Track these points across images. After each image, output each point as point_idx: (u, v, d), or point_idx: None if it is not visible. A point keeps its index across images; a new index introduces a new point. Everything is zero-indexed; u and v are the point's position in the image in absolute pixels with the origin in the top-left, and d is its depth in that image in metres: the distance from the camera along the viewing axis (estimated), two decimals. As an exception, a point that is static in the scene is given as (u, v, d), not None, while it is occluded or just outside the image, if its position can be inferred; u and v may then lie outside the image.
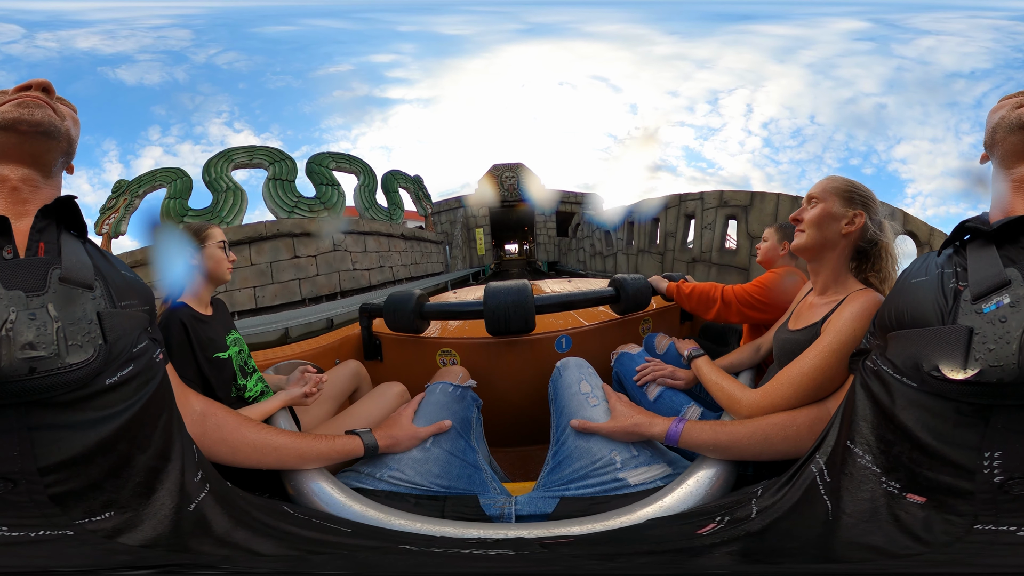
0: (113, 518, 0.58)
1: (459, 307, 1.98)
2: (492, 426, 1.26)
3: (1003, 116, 0.68)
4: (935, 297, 0.60)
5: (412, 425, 1.03)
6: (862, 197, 1.03)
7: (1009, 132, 0.66)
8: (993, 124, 0.70)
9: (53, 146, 0.70)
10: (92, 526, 0.56)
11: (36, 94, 0.69)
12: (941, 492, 0.54)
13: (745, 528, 0.68)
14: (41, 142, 0.68)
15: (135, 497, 0.60)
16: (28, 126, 0.67)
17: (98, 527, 0.56)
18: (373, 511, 0.82)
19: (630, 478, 0.92)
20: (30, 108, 0.67)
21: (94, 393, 0.57)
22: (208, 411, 0.88)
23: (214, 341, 1.26)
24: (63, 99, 0.74)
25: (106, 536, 0.57)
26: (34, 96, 0.69)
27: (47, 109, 0.69)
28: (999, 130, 0.68)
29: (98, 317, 0.60)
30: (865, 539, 0.58)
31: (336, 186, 11.65)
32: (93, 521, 0.56)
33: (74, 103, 0.78)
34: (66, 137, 0.71)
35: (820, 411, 0.88)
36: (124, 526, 0.58)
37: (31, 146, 0.68)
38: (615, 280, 1.94)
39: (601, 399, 1.05)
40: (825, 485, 0.66)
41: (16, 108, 0.67)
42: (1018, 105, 0.67)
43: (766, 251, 1.81)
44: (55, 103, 0.71)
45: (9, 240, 0.60)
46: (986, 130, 0.72)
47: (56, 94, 0.73)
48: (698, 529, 0.72)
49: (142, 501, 0.61)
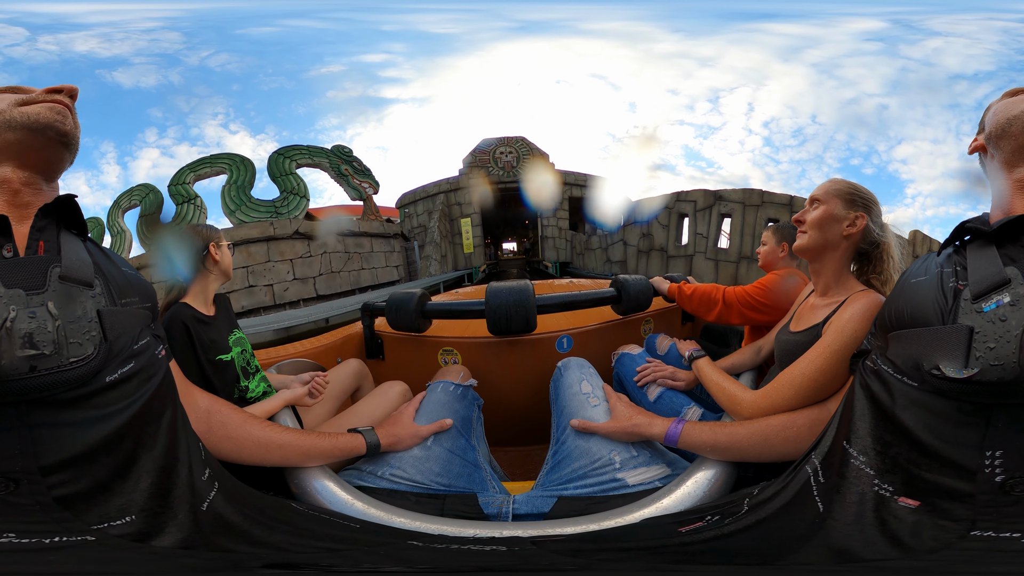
0: (135, 522, 0.57)
1: (461, 306, 1.99)
2: (493, 425, 1.26)
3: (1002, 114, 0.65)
4: (935, 296, 0.60)
5: (414, 423, 1.03)
6: (864, 199, 1.03)
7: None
8: (1010, 116, 0.65)
9: (67, 157, 0.70)
10: (116, 531, 0.55)
11: (67, 100, 0.68)
12: (938, 495, 0.54)
13: (730, 527, 0.68)
14: (60, 151, 0.68)
15: (151, 498, 0.59)
16: (56, 134, 0.66)
17: (122, 531, 0.55)
18: (374, 509, 0.83)
19: (629, 478, 0.93)
20: (63, 116, 0.66)
21: (95, 391, 0.57)
22: (213, 408, 0.89)
23: (216, 343, 1.27)
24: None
25: (136, 540, 0.56)
26: (65, 102, 0.67)
27: (73, 119, 0.68)
28: (1015, 123, 0.64)
29: (98, 315, 0.59)
30: (840, 542, 0.58)
31: (293, 194, 10.34)
32: (114, 526, 0.55)
33: (73, 105, 0.77)
34: (77, 148, 0.71)
35: (820, 412, 0.88)
36: (151, 529, 0.58)
37: (50, 152, 0.67)
38: (616, 281, 1.94)
39: (602, 399, 1.06)
40: (819, 486, 0.66)
41: (50, 112, 0.66)
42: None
43: (766, 254, 1.82)
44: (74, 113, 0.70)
45: (9, 239, 0.60)
46: (995, 121, 0.67)
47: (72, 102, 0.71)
48: (681, 527, 0.71)
49: (159, 503, 0.60)
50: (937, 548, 0.52)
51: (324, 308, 7.95)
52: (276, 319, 6.55)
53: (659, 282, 1.94)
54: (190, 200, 9.93)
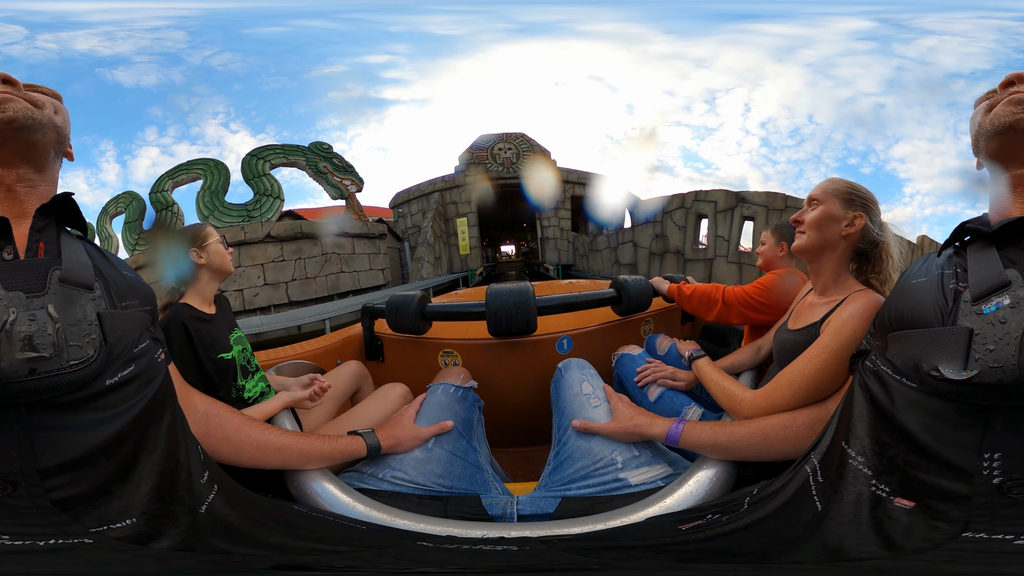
0: (134, 525, 0.57)
1: (461, 308, 1.99)
2: (494, 427, 1.26)
3: (980, 123, 0.68)
4: (935, 298, 0.61)
5: (414, 425, 1.03)
6: (862, 199, 1.04)
7: (988, 139, 0.66)
8: (974, 134, 0.69)
9: (39, 139, 0.65)
10: (114, 533, 0.55)
11: (2, 88, 0.63)
12: (934, 496, 0.54)
13: (729, 526, 0.68)
14: (23, 137, 0.63)
15: (151, 501, 0.59)
16: (2, 124, 0.62)
17: (121, 534, 0.55)
18: (376, 511, 0.83)
19: (631, 478, 0.93)
20: (1, 104, 0.62)
21: (95, 394, 0.57)
22: (212, 411, 0.89)
23: (218, 341, 1.27)
24: (35, 86, 0.68)
25: (134, 543, 0.55)
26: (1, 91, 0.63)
27: (17, 102, 0.63)
28: (980, 138, 0.68)
29: (98, 318, 0.59)
30: (833, 541, 0.58)
31: (267, 196, 9.99)
32: (113, 528, 0.55)
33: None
34: (51, 126, 0.66)
35: (820, 412, 0.88)
36: (149, 532, 0.57)
37: (13, 143, 0.63)
38: (616, 281, 1.95)
39: (602, 400, 1.06)
40: (817, 486, 0.66)
41: None
42: (989, 108, 0.67)
43: (765, 254, 1.83)
44: (26, 93, 0.65)
45: (9, 241, 0.60)
46: (971, 135, 0.71)
47: (21, 84, 0.66)
48: (681, 525, 0.72)
49: (159, 505, 0.60)
50: (926, 548, 0.52)
51: (291, 316, 7.72)
52: (243, 324, 6.62)
53: (659, 282, 1.95)
54: (168, 207, 9.87)
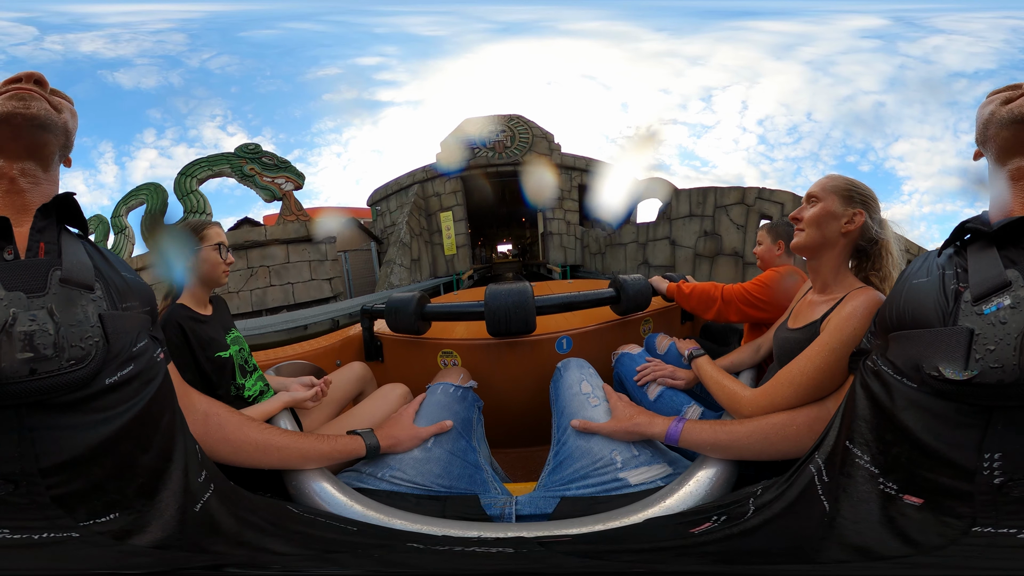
0: (118, 519, 0.57)
1: (460, 308, 1.99)
2: (493, 427, 1.26)
3: (993, 111, 0.67)
4: (936, 298, 0.60)
5: (413, 425, 1.03)
6: (862, 196, 1.03)
7: (1001, 127, 0.66)
8: (984, 120, 0.69)
9: (50, 139, 0.68)
10: (98, 527, 0.55)
11: (29, 86, 0.67)
12: (939, 494, 0.54)
13: (739, 527, 0.68)
14: (38, 135, 0.67)
15: (138, 497, 0.59)
16: (23, 119, 0.65)
17: (104, 528, 0.56)
18: (375, 511, 0.83)
19: (631, 478, 0.92)
20: (25, 101, 0.65)
21: (95, 393, 0.57)
22: (211, 411, 0.89)
23: (215, 340, 1.27)
24: (58, 91, 0.72)
25: (115, 537, 0.56)
26: (27, 88, 0.67)
27: (42, 102, 0.67)
28: (990, 126, 0.67)
29: (100, 320, 0.59)
30: (855, 540, 0.58)
31: (194, 213, 9.37)
32: (98, 523, 0.55)
33: (44, 89, 0.74)
34: (63, 130, 0.70)
35: (820, 411, 0.88)
36: (131, 527, 0.58)
37: (28, 139, 0.66)
38: (615, 281, 1.95)
39: (602, 399, 1.06)
40: (823, 485, 0.66)
41: (10, 100, 0.65)
42: (1006, 100, 0.66)
43: (762, 254, 1.82)
44: (49, 96, 0.69)
45: (10, 241, 0.61)
46: (977, 126, 0.71)
47: (49, 86, 0.70)
48: (692, 528, 0.71)
49: (145, 501, 0.60)
50: (944, 544, 0.52)
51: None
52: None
53: (658, 281, 1.95)
54: (122, 231, 9.90)
